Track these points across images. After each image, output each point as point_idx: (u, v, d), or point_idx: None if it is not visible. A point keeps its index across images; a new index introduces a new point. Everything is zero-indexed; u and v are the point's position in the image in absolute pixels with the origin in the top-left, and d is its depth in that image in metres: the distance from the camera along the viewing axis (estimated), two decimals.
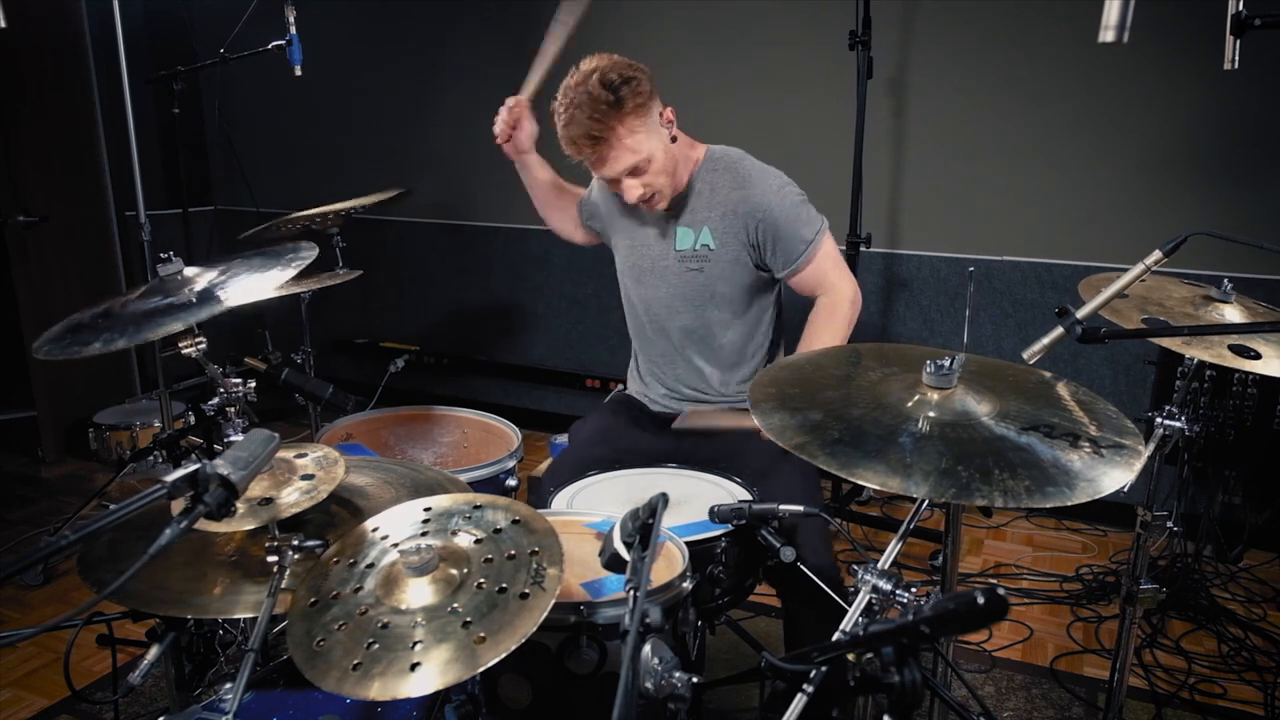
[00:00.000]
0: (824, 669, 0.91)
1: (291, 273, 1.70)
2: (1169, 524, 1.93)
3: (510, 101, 2.15)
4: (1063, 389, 1.49)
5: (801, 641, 1.89)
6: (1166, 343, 1.68)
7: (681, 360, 2.15)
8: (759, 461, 1.94)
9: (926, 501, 1.33)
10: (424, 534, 1.27)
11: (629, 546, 1.16)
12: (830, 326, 2.01)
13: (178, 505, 0.98)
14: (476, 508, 1.32)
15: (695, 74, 3.56)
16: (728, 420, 1.96)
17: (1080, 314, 1.29)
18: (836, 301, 2.04)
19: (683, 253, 2.04)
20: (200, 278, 1.72)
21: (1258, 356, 1.54)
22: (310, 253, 1.78)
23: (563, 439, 3.01)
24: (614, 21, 3.77)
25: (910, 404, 1.37)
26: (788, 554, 1.56)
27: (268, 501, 1.27)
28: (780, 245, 2.01)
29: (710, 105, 3.44)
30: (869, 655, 0.83)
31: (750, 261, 2.04)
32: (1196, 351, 1.55)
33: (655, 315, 2.14)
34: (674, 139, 1.95)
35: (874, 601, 1.33)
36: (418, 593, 1.17)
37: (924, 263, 3.46)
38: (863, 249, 3.07)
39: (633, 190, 1.93)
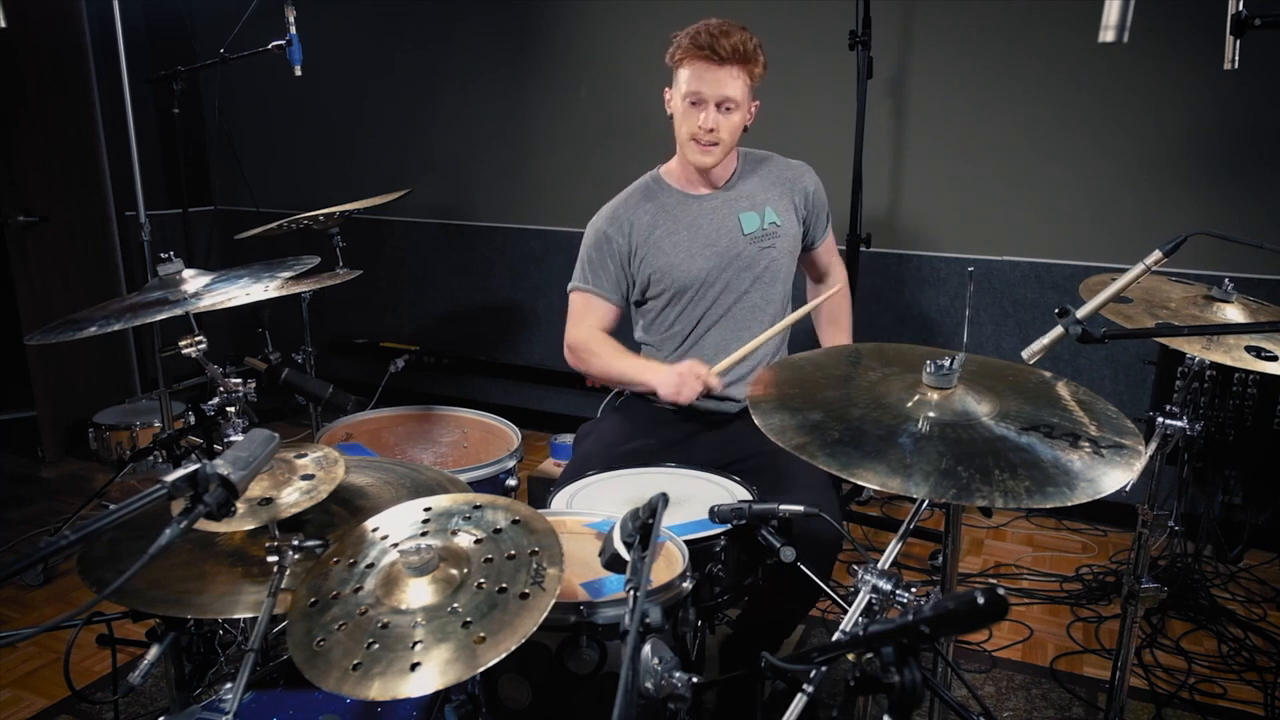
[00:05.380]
0: (824, 669, 0.91)
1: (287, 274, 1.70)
2: (1170, 523, 1.93)
3: (703, 376, 2.01)
4: (1063, 389, 1.49)
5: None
6: (1178, 343, 1.67)
7: (729, 343, 2.17)
8: (770, 461, 1.97)
9: (926, 502, 1.33)
10: (424, 534, 1.27)
11: (629, 546, 1.16)
12: (848, 314, 2.42)
13: (178, 505, 0.98)
14: (476, 508, 1.32)
15: None
16: (751, 346, 2.08)
17: (1080, 314, 1.29)
18: (845, 292, 2.40)
19: (752, 234, 2.17)
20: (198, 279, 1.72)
21: (1274, 358, 1.54)
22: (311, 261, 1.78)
23: (563, 439, 3.02)
24: (615, 21, 3.77)
25: (910, 404, 1.37)
26: (788, 554, 1.56)
27: (268, 501, 1.27)
28: (818, 219, 2.29)
29: None
30: (869, 655, 0.83)
31: (801, 233, 2.26)
32: (1217, 356, 1.54)
33: (722, 312, 2.18)
34: (746, 128, 2.14)
35: (874, 601, 1.33)
36: (418, 593, 1.17)
37: (924, 263, 3.46)
38: (863, 249, 3.07)
39: (710, 117, 2.04)
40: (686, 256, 2.15)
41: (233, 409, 1.70)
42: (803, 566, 1.59)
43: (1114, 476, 1.23)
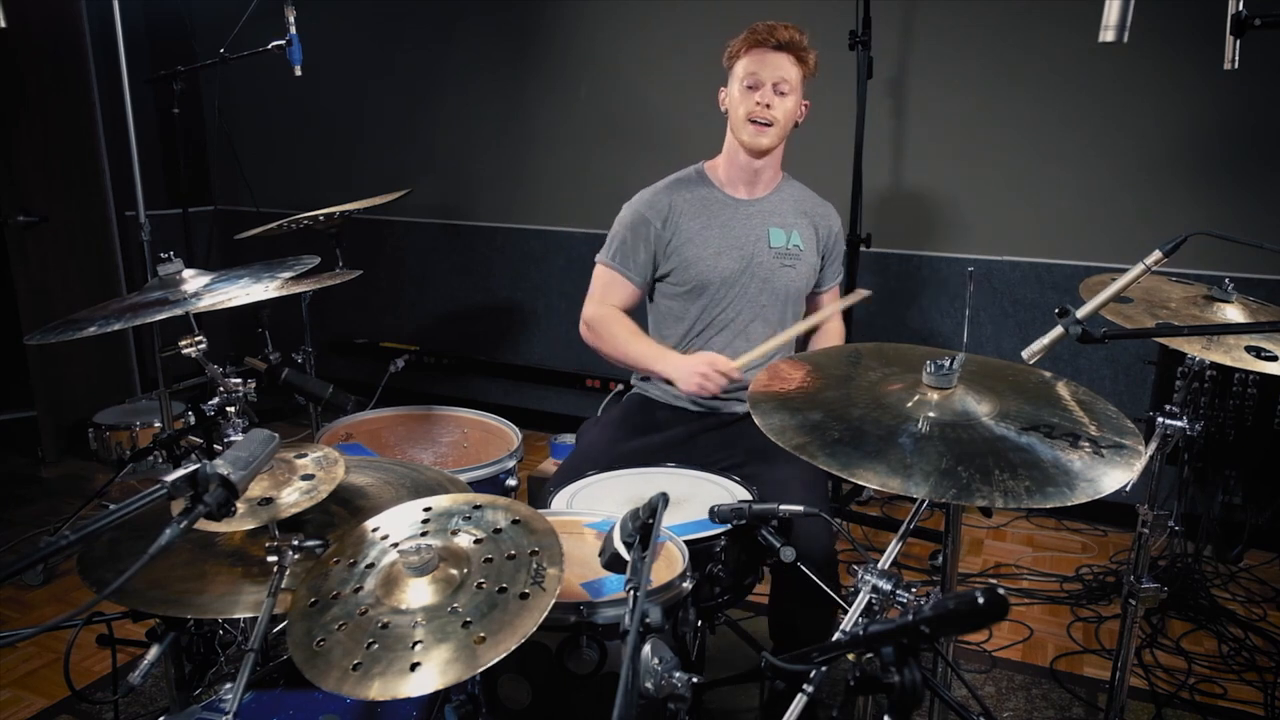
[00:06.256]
0: (824, 669, 0.91)
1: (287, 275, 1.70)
2: (1170, 523, 1.91)
3: (727, 371, 2.02)
4: (1063, 389, 1.49)
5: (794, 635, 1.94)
6: (1178, 343, 1.67)
7: (735, 349, 2.18)
8: (765, 459, 1.97)
9: (926, 502, 1.33)
10: (424, 534, 1.27)
11: (629, 546, 1.16)
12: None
13: (178, 505, 0.98)
14: (476, 508, 1.32)
15: (696, 73, 3.55)
16: (775, 343, 2.11)
17: (1080, 314, 1.29)
18: (840, 330, 2.37)
19: (777, 249, 2.22)
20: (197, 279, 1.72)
21: (1274, 358, 1.54)
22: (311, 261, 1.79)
23: (563, 439, 3.02)
24: (615, 21, 3.77)
25: (910, 404, 1.37)
26: (788, 554, 1.56)
27: (268, 501, 1.27)
28: (832, 262, 2.35)
29: (711, 104, 3.43)
30: (869, 655, 0.83)
31: (819, 266, 2.30)
32: (1216, 355, 1.54)
33: (733, 316, 2.20)
34: (797, 124, 2.22)
35: (874, 601, 1.33)
36: (418, 593, 1.17)
37: (924, 263, 3.46)
38: (863, 249, 3.07)
39: (766, 95, 2.13)
40: (714, 254, 2.18)
41: (233, 409, 1.70)
42: (803, 567, 1.59)
43: (1114, 476, 1.23)
